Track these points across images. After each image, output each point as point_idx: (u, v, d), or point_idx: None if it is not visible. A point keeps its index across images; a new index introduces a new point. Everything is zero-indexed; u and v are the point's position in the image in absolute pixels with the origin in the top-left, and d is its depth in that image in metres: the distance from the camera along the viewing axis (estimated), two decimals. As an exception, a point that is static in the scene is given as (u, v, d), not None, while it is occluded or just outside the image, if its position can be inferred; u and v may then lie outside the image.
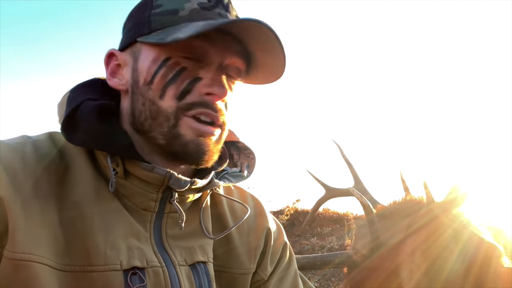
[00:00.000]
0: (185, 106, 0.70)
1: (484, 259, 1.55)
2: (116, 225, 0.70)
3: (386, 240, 1.73)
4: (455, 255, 1.58)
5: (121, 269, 0.67)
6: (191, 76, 0.71)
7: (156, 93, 0.71)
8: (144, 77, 0.73)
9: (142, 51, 0.74)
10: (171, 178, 0.71)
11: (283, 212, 5.65)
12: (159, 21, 0.73)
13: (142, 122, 0.73)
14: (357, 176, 2.54)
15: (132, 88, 0.75)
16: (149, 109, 0.72)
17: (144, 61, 0.73)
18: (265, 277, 0.88)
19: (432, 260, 1.59)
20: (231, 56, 0.74)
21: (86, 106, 0.74)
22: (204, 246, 0.80)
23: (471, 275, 1.55)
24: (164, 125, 0.71)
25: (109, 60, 0.80)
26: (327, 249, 3.95)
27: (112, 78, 0.79)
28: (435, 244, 1.60)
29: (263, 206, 0.95)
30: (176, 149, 0.71)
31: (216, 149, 0.75)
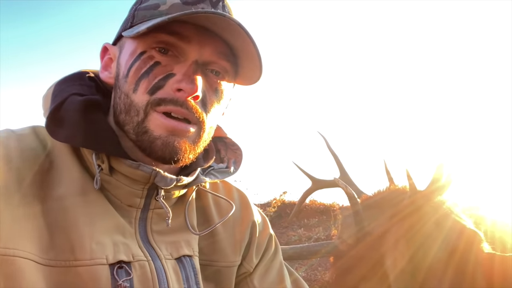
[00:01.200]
0: (155, 101, 0.69)
1: (465, 246, 1.60)
2: (101, 220, 0.69)
3: (371, 229, 1.76)
4: (437, 242, 1.62)
5: (107, 263, 0.66)
6: (164, 71, 0.70)
7: (130, 86, 0.71)
8: (122, 71, 0.73)
9: (125, 45, 0.75)
10: (156, 176, 0.71)
11: (270, 204, 5.68)
12: (141, 15, 0.73)
13: (118, 115, 0.73)
14: (342, 168, 2.57)
15: (116, 81, 0.75)
16: (124, 102, 0.72)
17: (124, 54, 0.74)
18: (251, 269, 0.89)
19: (415, 248, 1.62)
20: (210, 54, 0.73)
21: (72, 101, 0.72)
22: (189, 240, 0.80)
23: (453, 261, 1.59)
24: (134, 119, 0.70)
25: (104, 54, 0.80)
26: (314, 240, 4.00)
27: (103, 71, 0.79)
28: (419, 232, 1.64)
29: (248, 199, 0.95)
30: (144, 145, 0.70)
31: (192, 150, 0.73)
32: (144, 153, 0.71)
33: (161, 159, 0.71)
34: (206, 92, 0.74)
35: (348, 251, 1.75)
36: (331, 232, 3.90)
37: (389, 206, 1.79)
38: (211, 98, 0.75)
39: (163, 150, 0.70)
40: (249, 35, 0.70)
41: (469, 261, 1.57)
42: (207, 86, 0.74)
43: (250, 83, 0.80)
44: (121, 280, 0.66)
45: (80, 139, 0.70)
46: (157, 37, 0.70)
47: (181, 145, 0.71)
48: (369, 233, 1.75)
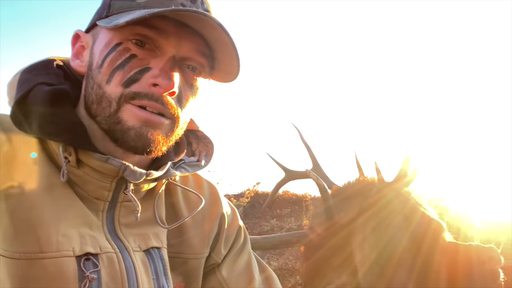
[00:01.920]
0: (130, 94, 0.69)
1: (428, 235, 1.67)
2: (67, 213, 0.69)
3: (340, 220, 1.81)
4: (403, 232, 1.69)
5: (73, 255, 0.66)
6: (140, 65, 0.70)
7: (104, 77, 0.70)
8: (96, 60, 0.72)
9: (99, 34, 0.73)
10: (126, 170, 0.71)
11: (243, 194, 5.71)
12: (118, 5, 0.72)
13: (89, 105, 0.72)
14: (315, 159, 2.62)
15: (88, 71, 0.74)
16: (96, 92, 0.71)
17: (99, 44, 0.72)
18: (219, 260, 0.91)
19: (382, 237, 1.69)
20: (187, 50, 0.72)
21: (39, 92, 0.70)
22: (158, 232, 0.80)
23: (416, 248, 1.66)
24: (107, 110, 0.69)
25: (75, 41, 0.78)
26: (286, 230, 4.06)
27: (74, 59, 0.77)
28: (385, 223, 1.70)
29: (218, 192, 0.96)
30: (116, 135, 0.69)
31: (165, 142, 0.73)
32: (116, 144, 0.71)
33: (133, 150, 0.71)
34: (182, 88, 0.74)
35: (318, 241, 1.79)
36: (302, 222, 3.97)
37: (358, 197, 1.84)
38: (186, 94, 0.75)
39: (135, 141, 0.69)
40: (227, 34, 0.70)
41: (432, 250, 1.64)
42: (183, 81, 0.74)
43: (228, 81, 0.80)
44: (88, 272, 0.66)
45: (46, 131, 0.69)
46: (134, 29, 0.69)
47: (154, 137, 0.71)
48: (339, 223, 1.80)
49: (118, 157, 0.72)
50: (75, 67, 0.77)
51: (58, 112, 0.70)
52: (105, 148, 0.73)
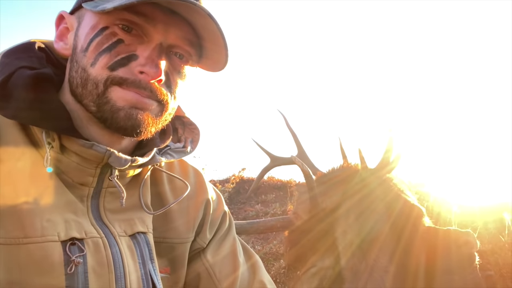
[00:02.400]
0: (117, 79, 0.68)
1: (410, 221, 1.72)
2: (51, 199, 0.68)
3: (324, 205, 1.84)
4: (384, 217, 1.73)
5: (59, 240, 0.66)
6: (127, 51, 0.69)
7: (89, 60, 0.69)
8: (81, 44, 0.70)
9: (85, 17, 0.72)
10: (111, 156, 0.70)
11: (229, 180, 5.73)
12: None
13: (74, 89, 0.71)
14: (300, 145, 2.64)
15: (73, 53, 0.72)
16: (80, 76, 0.70)
17: (84, 27, 0.71)
18: (204, 245, 0.92)
19: (364, 222, 1.73)
20: (175, 37, 0.72)
21: (20, 76, 0.69)
22: (143, 218, 0.80)
23: (397, 234, 1.71)
24: (94, 92, 0.69)
25: (60, 22, 0.76)
26: (271, 215, 4.10)
27: (58, 41, 0.75)
28: (367, 208, 1.74)
29: (203, 177, 0.96)
30: (106, 116, 0.69)
31: (154, 123, 0.73)
32: (105, 124, 0.70)
33: (123, 130, 0.70)
34: (169, 74, 0.73)
35: (302, 225, 1.83)
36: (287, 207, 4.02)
37: (342, 183, 1.88)
38: (175, 80, 0.75)
39: (125, 121, 0.69)
40: (216, 23, 0.69)
41: (413, 235, 1.69)
42: (170, 68, 0.74)
43: (216, 70, 0.80)
44: (74, 256, 0.66)
45: (29, 117, 0.68)
46: (121, 14, 0.68)
47: (144, 118, 0.71)
48: (323, 209, 1.83)
49: (104, 143, 0.71)
50: (59, 50, 0.75)
51: (41, 97, 0.68)
52: (90, 134, 0.72)
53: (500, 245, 2.52)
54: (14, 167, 0.67)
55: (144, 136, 0.73)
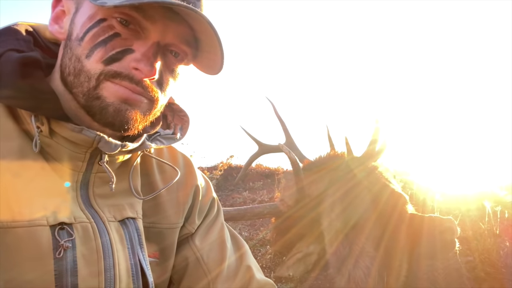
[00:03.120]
0: (110, 73, 0.68)
1: (395, 209, 1.76)
2: (40, 183, 0.68)
3: (310, 192, 1.87)
4: (368, 204, 1.77)
5: (47, 224, 0.65)
6: (123, 45, 0.69)
7: (84, 51, 0.68)
8: (77, 32, 0.69)
9: (83, 4, 0.70)
10: (100, 141, 0.69)
11: (217, 167, 5.73)
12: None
13: (65, 76, 0.70)
14: (288, 133, 2.66)
15: (67, 40, 0.71)
16: (74, 65, 0.69)
17: (82, 15, 0.69)
18: (193, 230, 0.93)
19: (348, 209, 1.76)
20: (172, 37, 0.71)
21: (8, 59, 0.67)
22: (133, 203, 0.80)
23: (383, 222, 1.75)
24: (85, 85, 0.68)
25: (56, 4, 0.73)
26: (258, 202, 4.13)
27: (53, 24, 0.73)
28: (352, 195, 1.78)
29: (192, 164, 0.97)
30: (94, 111, 0.69)
31: (142, 121, 0.73)
32: (93, 118, 0.70)
33: (110, 126, 0.70)
34: (163, 73, 0.73)
35: (288, 212, 1.85)
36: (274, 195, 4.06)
37: (328, 171, 1.90)
38: (167, 78, 0.74)
39: (114, 117, 0.69)
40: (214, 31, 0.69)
41: (397, 223, 1.74)
42: (164, 66, 0.73)
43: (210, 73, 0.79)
44: (62, 241, 0.66)
45: (17, 101, 0.67)
46: (121, 8, 0.66)
47: (132, 115, 0.71)
48: (309, 196, 1.86)
49: (93, 128, 0.71)
50: (53, 33, 0.72)
51: (30, 81, 0.67)
52: (79, 119, 0.72)
53: (480, 232, 2.60)
54: (3, 152, 0.66)
55: (131, 132, 0.73)
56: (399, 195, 1.80)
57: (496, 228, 2.60)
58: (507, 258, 2.46)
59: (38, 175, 0.69)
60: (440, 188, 2.91)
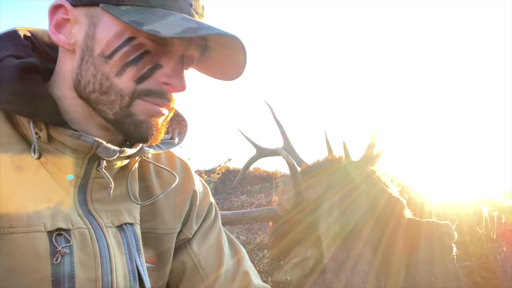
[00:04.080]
0: (143, 91, 0.69)
1: (392, 214, 1.76)
2: (38, 189, 0.67)
3: (308, 196, 1.87)
4: (365, 208, 1.77)
5: (45, 230, 0.65)
6: (153, 61, 0.69)
7: (113, 69, 0.68)
8: (101, 49, 0.68)
9: (102, 19, 0.68)
10: (99, 146, 0.69)
11: (214, 170, 5.72)
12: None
13: (88, 92, 0.70)
14: (286, 137, 2.66)
15: (83, 53, 0.69)
16: (100, 82, 0.68)
17: (104, 31, 0.68)
18: (190, 236, 0.92)
19: (348, 216, 1.76)
20: (193, 49, 0.72)
21: (7, 65, 0.67)
22: (130, 209, 0.80)
23: (381, 227, 1.75)
24: (116, 103, 0.69)
25: (55, 11, 0.70)
26: (256, 206, 4.13)
27: (57, 32, 0.70)
28: (350, 200, 1.78)
29: (190, 168, 0.97)
30: (127, 127, 0.71)
31: (164, 128, 0.76)
32: (120, 132, 0.72)
33: (141, 140, 0.73)
34: None
35: (286, 216, 1.85)
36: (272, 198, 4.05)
37: (326, 175, 1.90)
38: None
39: (146, 133, 0.72)
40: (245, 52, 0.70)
41: (395, 228, 1.74)
42: None
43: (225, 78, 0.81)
44: (60, 247, 0.66)
45: (17, 107, 0.67)
46: None
47: (159, 128, 0.74)
48: (307, 200, 1.86)
49: (92, 133, 0.71)
50: (58, 42, 0.70)
51: (29, 88, 0.67)
52: (77, 126, 0.72)
53: (478, 237, 2.60)
54: (1, 157, 0.66)
55: (156, 142, 0.75)
56: (397, 199, 1.81)
57: (493, 233, 2.61)
58: (504, 263, 2.46)
59: (35, 181, 0.68)
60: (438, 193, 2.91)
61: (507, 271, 2.41)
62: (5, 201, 0.64)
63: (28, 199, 0.66)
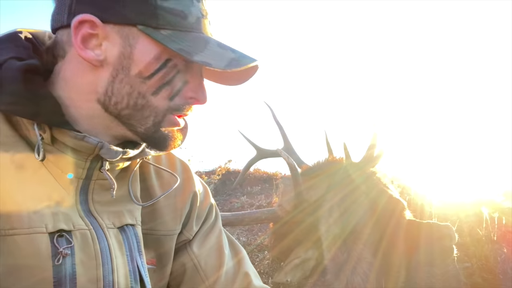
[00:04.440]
0: (175, 107, 0.74)
1: (392, 215, 1.76)
2: (39, 190, 0.68)
3: (308, 197, 1.87)
4: (366, 210, 1.77)
5: (46, 231, 0.65)
6: (182, 79, 0.73)
7: (150, 89, 0.71)
8: (139, 69, 0.69)
9: (139, 41, 0.69)
10: (102, 147, 0.70)
11: (215, 172, 5.71)
12: (167, 19, 0.68)
13: (120, 108, 0.71)
14: (286, 138, 2.65)
15: (117, 72, 0.70)
16: (136, 101, 0.71)
17: (143, 54, 0.69)
18: (190, 237, 0.93)
19: (348, 217, 1.76)
20: None
21: (10, 67, 0.67)
22: (132, 210, 0.80)
23: (381, 228, 1.75)
24: (150, 119, 0.73)
25: (81, 25, 0.68)
26: (256, 207, 4.12)
27: (84, 48, 0.69)
28: (350, 201, 1.78)
29: (190, 170, 0.97)
30: (155, 141, 0.75)
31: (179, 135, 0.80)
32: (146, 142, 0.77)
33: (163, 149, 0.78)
34: None
35: (286, 217, 1.85)
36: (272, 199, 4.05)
37: (326, 177, 1.90)
38: None
39: (170, 143, 0.76)
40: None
41: (395, 229, 1.74)
42: None
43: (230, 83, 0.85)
44: (61, 248, 0.66)
45: (21, 109, 0.67)
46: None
47: (181, 137, 0.79)
48: (307, 202, 1.86)
49: (94, 134, 0.71)
50: (86, 58, 0.69)
51: (33, 91, 0.67)
52: (80, 127, 0.72)
53: (478, 238, 2.60)
54: (1, 158, 0.66)
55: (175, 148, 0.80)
56: (397, 201, 1.80)
57: (494, 235, 2.61)
58: (505, 264, 2.46)
59: (37, 182, 0.69)
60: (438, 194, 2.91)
61: (508, 272, 2.41)
62: (6, 202, 0.64)
63: (30, 200, 0.66)
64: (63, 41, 0.72)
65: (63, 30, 0.72)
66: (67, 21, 0.70)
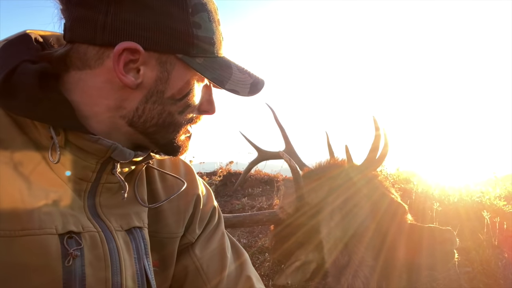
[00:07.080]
0: (190, 120, 0.80)
1: (394, 218, 1.76)
2: (49, 192, 0.68)
3: (310, 200, 1.87)
4: (370, 215, 1.77)
5: (56, 233, 0.66)
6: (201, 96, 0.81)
7: (178, 109, 0.77)
8: (172, 93, 0.75)
9: (176, 67, 0.74)
10: (116, 149, 0.72)
11: (216, 173, 5.71)
12: (201, 47, 0.74)
13: (148, 126, 0.76)
14: (288, 140, 2.65)
15: (151, 94, 0.74)
16: (164, 119, 0.76)
17: (178, 79, 0.74)
18: (193, 240, 0.93)
19: (350, 220, 1.76)
20: None
21: (25, 71, 0.68)
22: (139, 212, 0.81)
23: (382, 231, 1.75)
24: (173, 134, 0.79)
25: (122, 51, 0.70)
26: (257, 209, 4.11)
27: (126, 74, 0.71)
28: (352, 204, 1.77)
29: (194, 172, 0.97)
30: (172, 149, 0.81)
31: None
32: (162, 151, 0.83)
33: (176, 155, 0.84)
34: None
35: (287, 219, 1.84)
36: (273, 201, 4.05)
37: (328, 179, 1.90)
38: None
39: (182, 150, 0.82)
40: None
41: (396, 233, 1.73)
42: None
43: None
44: (71, 249, 0.67)
45: (38, 113, 0.68)
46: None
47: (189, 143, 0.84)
48: (308, 204, 1.85)
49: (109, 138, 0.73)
50: (125, 82, 0.71)
51: (48, 93, 0.68)
52: (93, 130, 0.73)
53: (479, 243, 2.60)
54: (12, 160, 0.66)
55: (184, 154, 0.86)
56: (399, 204, 1.80)
57: (495, 239, 2.60)
58: (506, 269, 2.46)
59: (48, 184, 0.69)
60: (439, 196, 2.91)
61: (509, 277, 2.40)
62: (17, 203, 0.64)
63: (40, 202, 0.67)
64: (89, 56, 0.72)
65: (89, 46, 0.71)
66: (100, 42, 0.70)
